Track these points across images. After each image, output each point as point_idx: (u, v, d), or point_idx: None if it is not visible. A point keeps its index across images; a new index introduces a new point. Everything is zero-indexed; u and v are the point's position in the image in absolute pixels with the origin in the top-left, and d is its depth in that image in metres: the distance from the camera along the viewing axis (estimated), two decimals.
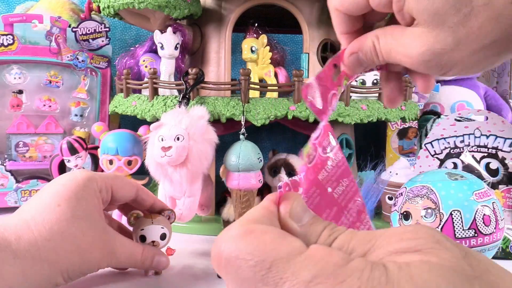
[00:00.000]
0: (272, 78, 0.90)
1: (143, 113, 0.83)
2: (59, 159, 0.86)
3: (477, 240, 0.60)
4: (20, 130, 0.97)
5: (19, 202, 0.91)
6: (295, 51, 1.25)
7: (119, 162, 0.79)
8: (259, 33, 0.91)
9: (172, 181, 0.70)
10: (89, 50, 1.02)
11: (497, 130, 0.79)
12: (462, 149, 0.82)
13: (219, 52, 0.91)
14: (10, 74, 0.98)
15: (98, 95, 1.05)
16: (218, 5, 0.91)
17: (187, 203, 0.72)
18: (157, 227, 0.61)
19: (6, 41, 0.95)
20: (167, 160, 0.68)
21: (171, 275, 0.64)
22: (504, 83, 1.24)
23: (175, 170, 0.69)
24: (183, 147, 0.68)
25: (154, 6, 0.83)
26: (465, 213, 0.61)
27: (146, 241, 0.61)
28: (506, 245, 0.71)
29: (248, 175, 0.72)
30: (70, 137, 0.83)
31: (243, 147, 0.73)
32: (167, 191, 0.74)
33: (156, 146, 0.69)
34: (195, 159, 0.68)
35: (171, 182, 0.71)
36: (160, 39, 0.86)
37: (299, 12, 0.90)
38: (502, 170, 0.78)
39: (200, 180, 0.72)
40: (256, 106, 0.78)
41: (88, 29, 1.00)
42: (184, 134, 0.68)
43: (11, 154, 0.97)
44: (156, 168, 0.70)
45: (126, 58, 0.96)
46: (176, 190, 0.72)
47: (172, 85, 0.85)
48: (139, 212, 0.62)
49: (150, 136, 0.72)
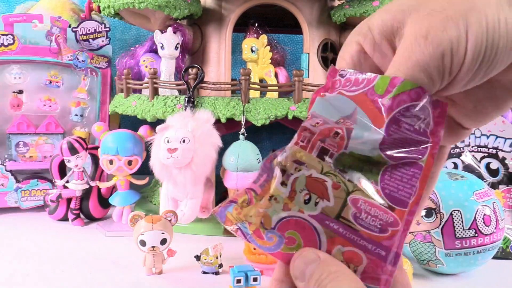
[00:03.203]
0: (272, 78, 0.90)
1: (143, 113, 0.83)
2: (59, 159, 0.85)
3: (478, 240, 0.60)
4: (20, 130, 0.97)
5: (19, 202, 0.91)
6: (295, 51, 1.25)
7: (119, 162, 0.79)
8: (259, 33, 0.91)
9: (176, 182, 0.71)
10: (89, 50, 1.02)
11: (497, 130, 0.79)
12: (462, 149, 0.82)
13: (219, 52, 0.91)
14: (10, 74, 0.98)
15: (98, 95, 1.05)
16: (218, 5, 0.91)
17: (190, 205, 0.72)
18: (158, 232, 0.61)
19: (6, 41, 0.95)
20: (172, 162, 0.68)
21: (172, 274, 0.64)
22: None
23: (180, 171, 0.69)
24: (188, 150, 0.68)
25: (154, 6, 0.83)
26: (466, 213, 0.61)
27: (146, 246, 0.61)
28: (506, 245, 0.71)
29: (246, 175, 0.72)
30: (70, 137, 0.83)
31: (242, 147, 0.73)
32: (170, 193, 0.75)
33: (162, 147, 0.69)
34: (200, 161, 0.69)
35: (175, 183, 0.72)
36: (161, 39, 0.86)
37: (299, 12, 0.90)
38: (502, 170, 0.78)
39: (203, 182, 0.73)
40: (256, 106, 0.78)
41: (88, 29, 1.00)
42: (190, 137, 0.69)
43: (11, 154, 0.97)
44: (161, 169, 0.71)
45: (126, 58, 0.96)
46: (180, 192, 0.73)
47: (172, 85, 0.85)
48: (140, 214, 0.62)
49: (156, 137, 0.72)
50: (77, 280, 0.62)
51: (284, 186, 0.24)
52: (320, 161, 0.24)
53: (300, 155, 0.24)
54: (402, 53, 0.23)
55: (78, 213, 0.86)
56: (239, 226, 0.24)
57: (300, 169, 0.24)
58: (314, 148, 0.24)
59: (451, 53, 0.22)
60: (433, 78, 0.23)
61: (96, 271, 0.65)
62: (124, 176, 0.82)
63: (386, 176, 0.24)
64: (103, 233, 0.81)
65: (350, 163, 0.24)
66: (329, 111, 0.25)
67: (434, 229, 0.61)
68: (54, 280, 0.62)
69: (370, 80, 0.24)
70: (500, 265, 0.69)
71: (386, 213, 0.23)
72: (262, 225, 0.24)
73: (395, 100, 0.23)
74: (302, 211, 0.24)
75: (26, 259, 0.69)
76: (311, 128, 0.24)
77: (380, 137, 0.23)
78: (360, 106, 0.24)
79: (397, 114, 0.23)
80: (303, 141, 0.24)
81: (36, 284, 0.60)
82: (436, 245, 0.61)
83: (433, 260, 0.62)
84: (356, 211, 0.23)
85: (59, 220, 0.87)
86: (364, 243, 0.23)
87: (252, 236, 0.24)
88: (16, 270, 0.64)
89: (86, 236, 0.80)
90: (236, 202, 0.25)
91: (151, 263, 0.63)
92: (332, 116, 0.25)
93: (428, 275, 0.65)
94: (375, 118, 0.24)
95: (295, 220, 0.24)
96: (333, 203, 0.23)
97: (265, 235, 0.24)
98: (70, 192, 0.85)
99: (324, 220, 0.23)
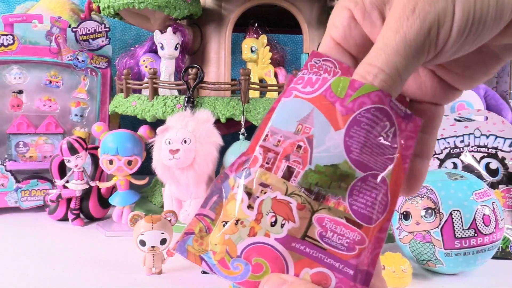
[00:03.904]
0: (272, 78, 0.90)
1: (143, 113, 0.83)
2: (59, 159, 0.86)
3: (477, 240, 0.60)
4: (20, 130, 0.97)
5: (19, 202, 0.91)
6: (295, 51, 1.25)
7: (119, 162, 0.79)
8: (259, 33, 0.91)
9: (179, 183, 0.71)
10: (89, 50, 1.02)
11: (497, 130, 0.79)
12: (462, 149, 0.82)
13: (219, 52, 0.91)
14: (10, 74, 0.98)
15: (98, 95, 1.05)
16: (218, 5, 0.91)
17: (194, 205, 0.72)
18: (157, 232, 0.61)
19: (6, 41, 0.95)
20: (175, 163, 0.69)
21: (171, 274, 0.64)
22: (504, 83, 1.25)
23: (182, 172, 0.70)
24: (190, 150, 0.69)
25: (154, 6, 0.83)
26: (465, 213, 0.61)
27: (145, 246, 0.61)
28: (506, 245, 0.71)
29: None
30: (70, 137, 0.83)
31: (242, 147, 0.73)
32: (173, 193, 0.75)
33: (163, 149, 0.69)
34: (202, 161, 0.69)
35: (177, 184, 0.72)
36: (160, 39, 0.86)
37: (299, 12, 0.90)
38: (502, 170, 0.78)
39: (206, 182, 0.73)
40: (256, 106, 0.78)
41: (88, 29, 1.00)
42: (191, 137, 0.69)
43: (11, 154, 0.97)
44: (163, 171, 0.71)
45: (126, 58, 0.96)
46: (183, 192, 0.73)
47: (172, 85, 0.85)
48: (140, 214, 0.62)
49: (157, 139, 0.72)
50: (77, 280, 0.62)
51: (250, 209, 0.24)
52: (285, 182, 0.24)
53: (265, 177, 0.24)
54: (391, 27, 0.23)
55: (78, 213, 0.86)
56: (203, 257, 0.24)
57: (266, 191, 0.24)
58: (280, 168, 0.24)
59: (438, 27, 0.22)
60: (419, 54, 0.23)
61: (96, 271, 0.65)
62: (124, 176, 0.82)
63: (354, 192, 0.23)
64: (103, 233, 0.81)
65: (316, 181, 0.23)
66: (287, 118, 0.24)
67: (434, 229, 0.61)
68: (54, 280, 0.62)
69: (326, 79, 0.24)
70: (500, 265, 0.69)
71: (353, 231, 0.23)
72: (228, 253, 0.23)
73: (355, 102, 0.23)
74: (268, 234, 0.23)
75: (26, 259, 0.69)
76: (274, 148, 0.24)
77: (341, 138, 0.23)
78: (318, 108, 0.24)
79: (358, 115, 0.23)
80: (268, 163, 0.24)
81: (36, 284, 0.60)
82: (435, 245, 0.61)
83: (432, 260, 0.62)
84: (322, 230, 0.23)
85: (59, 220, 0.87)
86: (331, 261, 0.23)
87: (217, 266, 0.23)
88: (16, 270, 0.64)
89: (86, 236, 0.80)
90: (193, 233, 0.24)
91: (151, 263, 0.63)
92: (290, 123, 0.24)
93: (428, 275, 0.65)
94: (334, 120, 0.23)
95: (260, 247, 0.23)
96: (298, 224, 0.23)
97: (230, 264, 0.23)
98: (70, 192, 0.85)
99: (290, 242, 0.23)
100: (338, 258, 0.23)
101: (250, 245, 0.23)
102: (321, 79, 0.24)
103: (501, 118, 0.80)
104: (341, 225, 0.23)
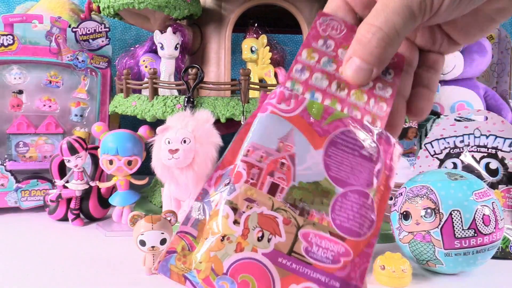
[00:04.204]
0: (272, 78, 0.90)
1: (143, 113, 0.83)
2: (59, 159, 0.86)
3: (477, 240, 0.60)
4: (20, 130, 0.97)
5: (19, 202, 0.91)
6: (295, 51, 1.25)
7: (119, 162, 0.79)
8: (259, 33, 0.91)
9: (178, 183, 0.71)
10: (89, 50, 1.02)
11: (496, 130, 0.79)
12: (462, 149, 0.82)
13: (219, 52, 0.91)
14: (10, 74, 0.98)
15: (98, 95, 1.05)
16: (218, 5, 0.91)
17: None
18: (157, 232, 0.61)
19: (6, 41, 0.95)
20: (174, 163, 0.69)
21: None
22: (504, 83, 1.24)
23: (182, 172, 0.70)
24: (189, 150, 0.69)
25: (154, 6, 0.83)
26: (465, 213, 0.61)
27: (145, 246, 0.61)
28: (506, 245, 0.71)
29: None
30: (70, 137, 0.83)
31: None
32: (173, 193, 0.75)
33: (163, 148, 0.70)
34: (201, 161, 0.69)
35: (177, 184, 0.72)
36: (160, 39, 0.86)
37: (299, 12, 0.90)
38: (501, 170, 0.78)
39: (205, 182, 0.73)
40: (256, 106, 0.78)
41: (88, 29, 1.00)
42: (191, 137, 0.69)
43: (11, 154, 0.97)
44: (162, 171, 0.71)
45: (126, 58, 0.96)
46: (182, 192, 0.73)
47: (172, 85, 0.85)
48: (140, 214, 0.62)
49: (156, 138, 0.72)
50: (77, 280, 0.62)
51: (236, 224, 0.24)
52: (270, 197, 0.24)
53: (250, 192, 0.24)
54: None
55: (78, 213, 0.86)
56: (187, 276, 0.23)
57: (252, 206, 0.24)
58: (264, 184, 0.24)
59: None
60: (416, 15, 0.25)
61: (96, 271, 0.65)
62: (124, 176, 0.82)
63: (336, 207, 0.24)
64: (103, 233, 0.81)
65: (300, 196, 0.24)
66: (267, 135, 0.25)
67: (434, 229, 0.61)
68: (54, 280, 0.62)
69: (299, 101, 0.26)
70: (500, 265, 0.69)
71: (337, 244, 0.23)
72: (213, 271, 0.23)
73: (331, 125, 0.25)
74: (255, 249, 0.23)
75: (26, 259, 0.69)
76: (258, 164, 0.25)
77: (320, 157, 0.24)
78: (297, 127, 0.25)
79: (334, 137, 0.25)
80: (253, 179, 0.24)
81: (36, 284, 0.60)
82: (435, 245, 0.61)
83: (432, 260, 0.62)
84: (307, 245, 0.23)
85: (59, 220, 0.87)
86: (317, 275, 0.23)
87: (202, 284, 0.23)
88: (16, 270, 0.64)
89: (86, 236, 0.80)
90: (176, 252, 0.24)
91: (151, 263, 0.63)
92: (271, 140, 0.25)
93: (428, 275, 0.65)
94: (313, 140, 0.25)
95: (247, 263, 0.23)
96: (284, 239, 0.23)
97: (215, 282, 0.23)
98: (70, 192, 0.85)
99: (277, 257, 0.23)
100: (324, 272, 0.23)
101: (237, 261, 0.23)
102: (293, 97, 0.26)
103: (501, 118, 0.80)
104: (326, 239, 0.24)
